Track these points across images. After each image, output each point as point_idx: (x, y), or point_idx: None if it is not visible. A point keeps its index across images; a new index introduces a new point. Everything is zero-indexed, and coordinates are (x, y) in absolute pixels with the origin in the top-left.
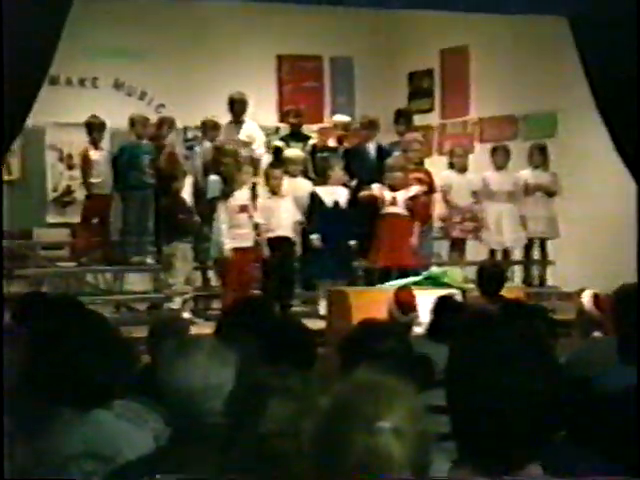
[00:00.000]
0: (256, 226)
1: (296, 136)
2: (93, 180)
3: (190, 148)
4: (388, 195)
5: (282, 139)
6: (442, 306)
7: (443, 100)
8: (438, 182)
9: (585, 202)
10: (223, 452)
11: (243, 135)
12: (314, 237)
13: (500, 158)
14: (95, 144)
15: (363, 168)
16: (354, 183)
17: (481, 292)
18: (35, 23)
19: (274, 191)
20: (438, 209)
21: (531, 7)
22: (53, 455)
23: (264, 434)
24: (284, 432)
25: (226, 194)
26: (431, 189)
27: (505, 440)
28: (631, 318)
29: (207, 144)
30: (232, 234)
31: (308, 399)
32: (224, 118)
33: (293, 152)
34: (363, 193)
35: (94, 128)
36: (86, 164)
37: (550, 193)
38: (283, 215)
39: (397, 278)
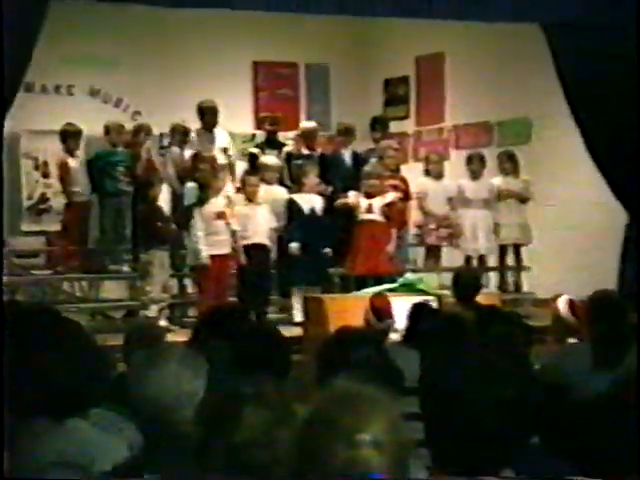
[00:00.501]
0: (233, 233)
1: (271, 143)
2: (73, 188)
3: (163, 155)
4: (364, 202)
5: (257, 146)
6: (417, 313)
7: (418, 107)
8: (414, 189)
9: (559, 208)
10: (195, 461)
11: (219, 142)
12: (293, 245)
13: (475, 166)
14: (71, 152)
15: (339, 175)
16: (330, 190)
17: (457, 298)
18: (10, 30)
19: (250, 198)
20: (414, 216)
21: (507, 15)
22: (27, 464)
23: (237, 443)
24: (258, 441)
25: (202, 201)
26: (407, 196)
27: (478, 446)
28: (605, 324)
29: (176, 150)
30: (209, 241)
31: (283, 407)
32: (196, 125)
33: (270, 159)
34: (339, 201)
35: (70, 136)
36: (65, 173)
37: (522, 199)
38: (259, 222)
39: (373, 285)
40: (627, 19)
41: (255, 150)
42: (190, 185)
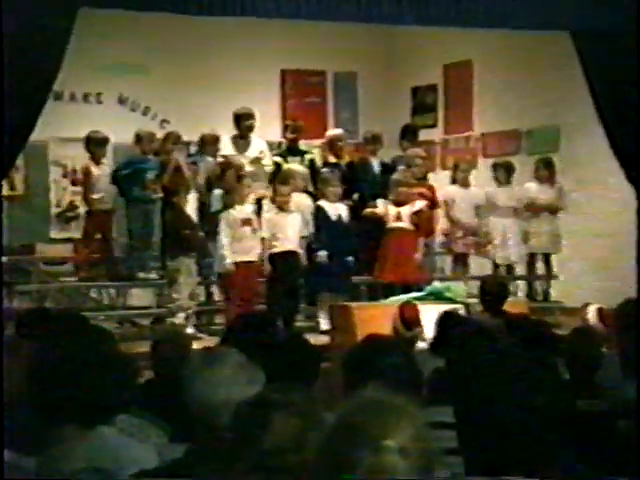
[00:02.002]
0: (262, 240)
1: (293, 151)
2: (94, 196)
3: (194, 163)
4: (393, 210)
5: (280, 155)
6: (445, 321)
7: (446, 115)
8: (441, 197)
9: (588, 217)
10: (229, 467)
11: (254, 150)
12: (321, 253)
13: (501, 174)
14: (96, 159)
15: (366, 183)
16: (356, 197)
17: (484, 307)
18: (39, 38)
19: (282, 207)
20: (441, 224)
21: (534, 22)
22: (56, 470)
23: (267, 448)
24: (288, 447)
25: (226, 206)
26: (434, 204)
27: (509, 452)
28: (633, 332)
29: (209, 159)
30: (235, 248)
31: (311, 414)
32: (225, 132)
33: (297, 167)
34: (368, 210)
35: (94, 143)
36: (87, 180)
37: (554, 209)
38: (290, 230)
39: (400, 293)
40: None
41: (278, 158)
42: (217, 192)
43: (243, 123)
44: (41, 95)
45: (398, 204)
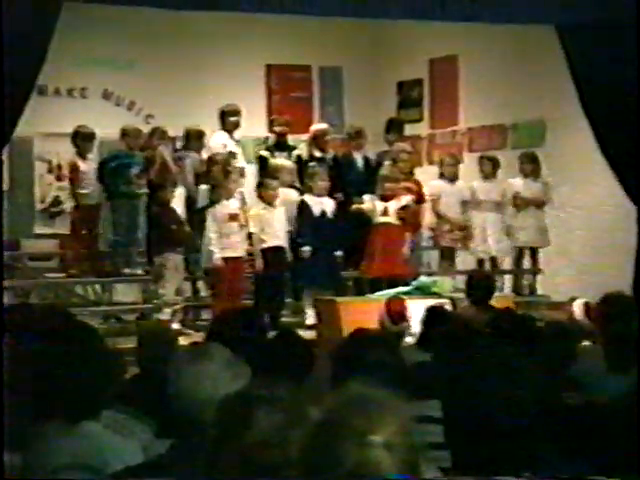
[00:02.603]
0: (249, 236)
1: (281, 146)
2: (82, 191)
3: (180, 159)
4: (380, 205)
5: (267, 149)
6: (431, 316)
7: (432, 110)
8: (427, 191)
9: (574, 211)
10: (211, 463)
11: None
12: (305, 249)
13: (486, 167)
14: (83, 154)
15: (351, 178)
16: (341, 193)
17: (470, 301)
18: (23, 33)
19: (269, 202)
20: (427, 218)
21: (520, 17)
22: (41, 466)
23: (249, 443)
24: (271, 442)
25: (213, 202)
26: (421, 199)
27: (496, 447)
28: (617, 326)
29: (194, 155)
30: (222, 243)
31: (295, 410)
32: (210, 128)
33: (284, 161)
34: (355, 206)
35: (82, 138)
36: (75, 175)
37: (540, 204)
38: (277, 225)
39: (387, 288)
40: None
41: (265, 153)
42: (203, 187)
43: (228, 119)
44: (25, 90)
45: (385, 199)
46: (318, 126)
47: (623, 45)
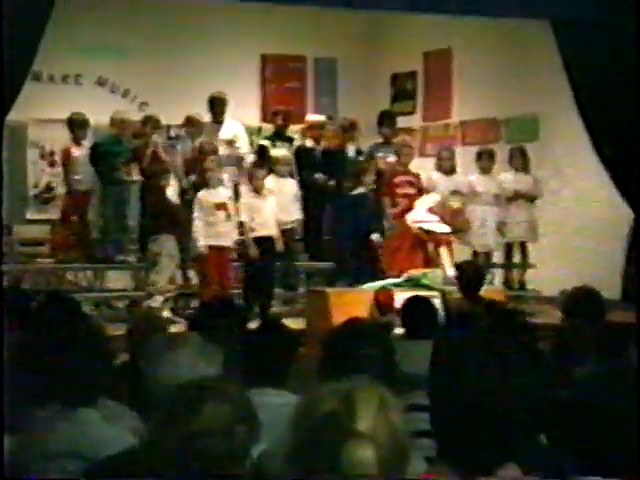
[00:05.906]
0: (240, 225)
1: (281, 137)
2: (75, 177)
3: (172, 147)
4: None
5: (268, 138)
6: (411, 307)
7: (426, 102)
8: (424, 184)
9: (566, 206)
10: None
11: (226, 134)
12: (375, 236)
13: (485, 162)
14: (77, 141)
15: (342, 169)
16: (333, 183)
17: (461, 292)
18: (18, 19)
19: (257, 191)
20: None
21: (515, 11)
22: (37, 451)
23: (193, 432)
24: (216, 432)
25: (198, 191)
26: (419, 192)
27: (482, 439)
28: (581, 321)
29: (188, 142)
30: (209, 232)
31: (242, 404)
32: (206, 117)
33: (281, 152)
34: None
35: (77, 125)
36: (67, 161)
37: (531, 198)
38: (267, 214)
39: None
40: (636, 17)
41: (265, 142)
42: (192, 177)
43: (217, 107)
44: (20, 76)
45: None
46: (315, 117)
47: (618, 41)
